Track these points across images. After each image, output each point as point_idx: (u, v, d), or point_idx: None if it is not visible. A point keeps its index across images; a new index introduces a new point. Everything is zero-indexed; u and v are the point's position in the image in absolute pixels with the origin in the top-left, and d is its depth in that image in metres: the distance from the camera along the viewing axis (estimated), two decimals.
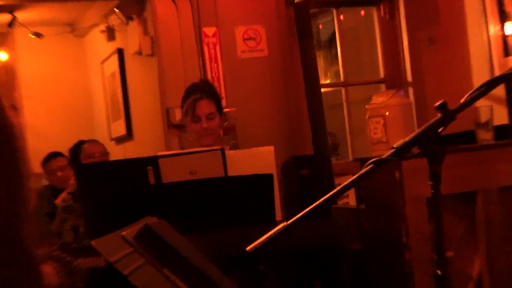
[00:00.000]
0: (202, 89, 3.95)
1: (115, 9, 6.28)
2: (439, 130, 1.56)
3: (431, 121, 1.57)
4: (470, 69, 5.84)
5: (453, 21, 5.96)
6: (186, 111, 3.92)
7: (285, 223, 1.48)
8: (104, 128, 7.80)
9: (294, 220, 1.47)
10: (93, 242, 1.47)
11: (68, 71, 8.39)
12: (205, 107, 3.87)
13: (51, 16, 7.70)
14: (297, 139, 5.70)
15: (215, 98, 3.95)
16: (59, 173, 5.79)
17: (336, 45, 6.20)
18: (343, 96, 6.09)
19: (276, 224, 1.63)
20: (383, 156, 1.56)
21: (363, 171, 1.54)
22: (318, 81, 5.02)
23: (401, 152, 1.56)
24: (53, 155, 6.00)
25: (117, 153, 7.11)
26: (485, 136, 3.30)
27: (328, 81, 7.06)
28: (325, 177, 4.52)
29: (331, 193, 1.53)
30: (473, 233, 3.14)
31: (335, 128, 6.54)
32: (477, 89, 1.60)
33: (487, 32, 5.59)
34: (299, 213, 1.56)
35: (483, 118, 3.29)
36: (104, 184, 3.04)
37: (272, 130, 5.65)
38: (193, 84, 4.17)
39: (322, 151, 4.72)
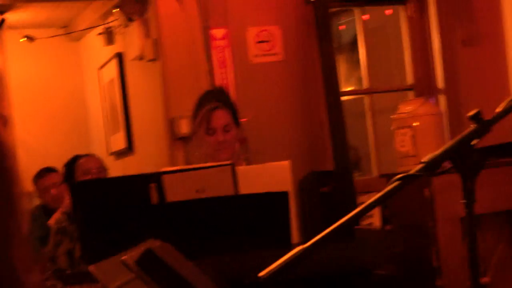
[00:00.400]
0: (218, 98, 3.90)
1: (114, 9, 6.32)
2: (473, 143, 1.57)
3: (464, 133, 1.57)
4: (509, 74, 5.83)
5: (490, 20, 5.96)
6: (199, 123, 3.85)
7: (303, 246, 1.49)
8: (102, 141, 7.83)
9: (313, 243, 1.48)
10: (91, 268, 1.48)
11: (62, 77, 8.43)
12: (221, 117, 3.83)
13: (44, 17, 7.76)
14: (316, 153, 5.71)
15: (232, 108, 3.89)
16: (53, 191, 5.82)
17: (358, 48, 6.21)
18: (367, 105, 6.09)
19: (292, 248, 1.63)
20: (411, 172, 1.57)
21: (389, 188, 1.54)
22: (339, 88, 5.04)
23: (431, 167, 1.56)
24: (46, 171, 6.03)
25: (116, 168, 7.13)
26: None
27: (350, 88, 7.07)
28: (347, 195, 4.52)
29: (354, 212, 1.54)
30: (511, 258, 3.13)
31: (358, 140, 6.54)
32: None
33: None
34: (319, 235, 1.57)
35: None
36: (102, 203, 3.06)
37: (288, 143, 5.65)
38: (207, 92, 4.12)
39: (343, 166, 4.73)
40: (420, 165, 1.58)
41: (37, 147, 8.03)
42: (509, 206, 3.13)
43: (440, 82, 6.06)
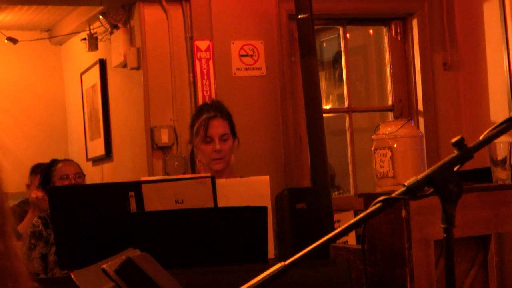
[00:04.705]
0: (216, 108, 3.98)
1: (99, 15, 6.31)
2: (455, 169, 1.59)
3: (447, 159, 1.59)
4: (488, 99, 5.88)
5: (471, 45, 6.01)
6: (197, 131, 3.92)
7: (283, 263, 1.50)
8: (80, 147, 7.80)
9: (294, 260, 1.49)
10: (73, 274, 1.49)
11: (43, 81, 8.40)
12: (219, 126, 3.89)
13: (27, 20, 7.73)
14: (294, 169, 5.72)
15: (229, 119, 3.98)
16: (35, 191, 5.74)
17: (341, 66, 6.24)
18: (347, 123, 6.12)
19: (268, 263, 1.64)
20: (394, 195, 1.59)
21: (370, 209, 1.56)
22: (321, 105, 5.06)
23: (413, 191, 1.58)
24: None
25: (94, 175, 7.11)
26: (501, 176, 3.31)
27: (330, 106, 7.10)
28: (324, 213, 4.53)
29: (337, 231, 1.55)
30: (485, 282, 3.15)
31: (337, 158, 6.56)
32: (498, 126, 1.63)
33: (508, 59, 5.64)
34: (292, 251, 1.57)
35: (500, 155, 3.31)
36: (80, 210, 3.05)
37: (266, 158, 5.67)
38: (205, 103, 4.26)
39: (321, 183, 4.74)
40: (402, 189, 1.60)
41: (15, 150, 7.99)
42: (482, 231, 3.16)
43: (420, 104, 6.10)
